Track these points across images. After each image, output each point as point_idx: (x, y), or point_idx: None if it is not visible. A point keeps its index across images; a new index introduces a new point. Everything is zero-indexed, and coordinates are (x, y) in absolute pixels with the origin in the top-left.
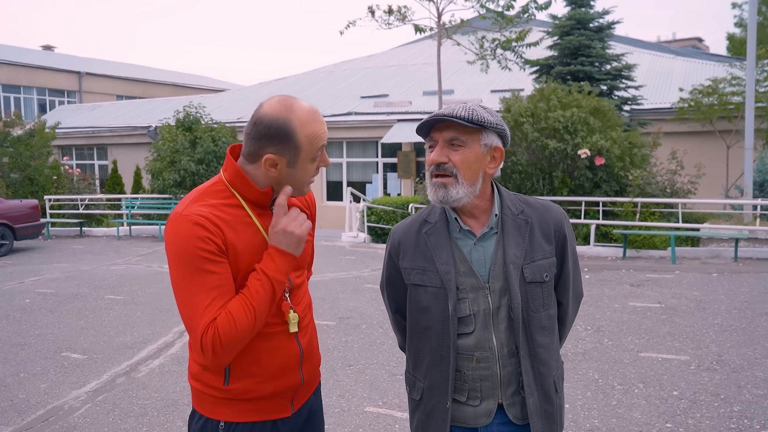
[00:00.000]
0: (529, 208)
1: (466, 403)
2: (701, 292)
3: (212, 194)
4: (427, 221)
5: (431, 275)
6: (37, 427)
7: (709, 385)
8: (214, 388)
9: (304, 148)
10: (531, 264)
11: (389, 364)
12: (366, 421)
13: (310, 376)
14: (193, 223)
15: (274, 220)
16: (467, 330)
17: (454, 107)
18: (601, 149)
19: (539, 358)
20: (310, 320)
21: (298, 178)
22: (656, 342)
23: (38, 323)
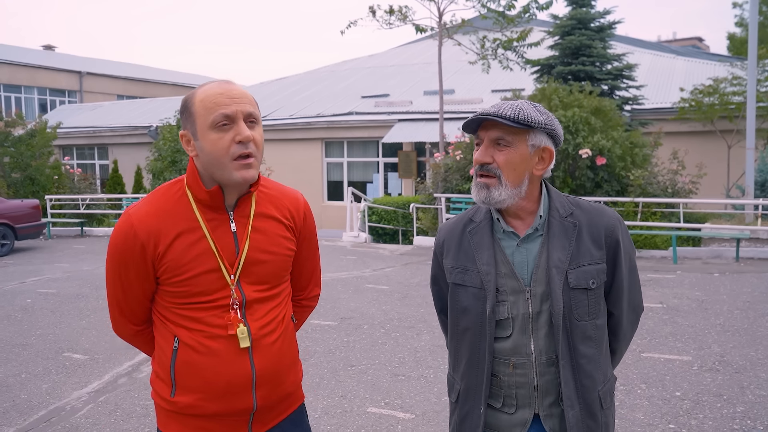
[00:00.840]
0: (580, 211)
1: (501, 410)
2: (703, 292)
3: (165, 194)
4: (472, 220)
5: (472, 275)
6: (39, 427)
7: (711, 385)
8: (163, 398)
9: (198, 113)
10: (577, 269)
11: (391, 365)
12: (368, 422)
13: (271, 401)
14: (131, 224)
15: None
16: (505, 334)
17: (502, 105)
18: (603, 149)
19: (582, 369)
20: (275, 341)
21: (206, 151)
22: (658, 342)
23: (40, 323)
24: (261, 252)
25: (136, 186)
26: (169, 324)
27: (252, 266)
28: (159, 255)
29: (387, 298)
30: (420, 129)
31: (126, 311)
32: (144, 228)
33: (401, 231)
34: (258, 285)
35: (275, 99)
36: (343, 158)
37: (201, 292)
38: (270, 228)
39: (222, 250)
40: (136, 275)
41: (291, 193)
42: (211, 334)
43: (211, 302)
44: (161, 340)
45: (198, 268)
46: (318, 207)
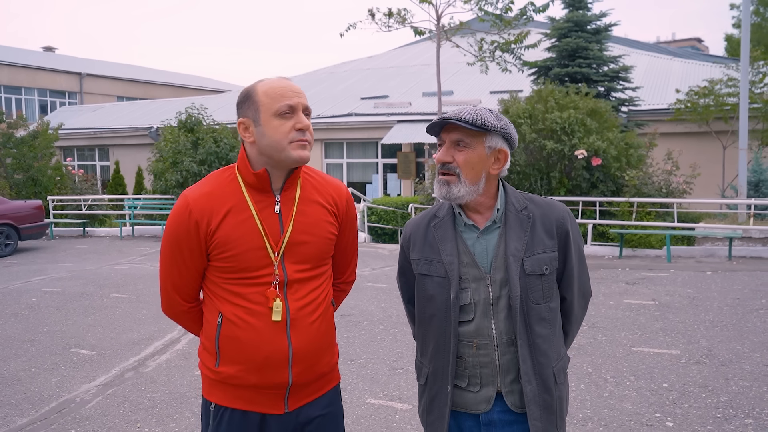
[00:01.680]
0: (533, 205)
1: (467, 389)
2: (694, 289)
3: (218, 177)
4: (436, 216)
5: (437, 266)
6: (51, 418)
7: (698, 377)
8: (208, 368)
9: (262, 102)
10: (531, 257)
11: (389, 359)
12: (367, 412)
13: (307, 379)
14: (186, 204)
15: None
16: (468, 318)
17: (462, 111)
18: (598, 150)
19: (538, 348)
20: (314, 321)
21: (269, 136)
22: (649, 337)
23: (46, 321)
24: (304, 233)
25: (137, 187)
26: (215, 299)
27: (295, 246)
28: (211, 231)
29: (386, 295)
30: (419, 130)
31: (180, 287)
32: (198, 206)
33: (400, 231)
34: (300, 264)
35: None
36: (343, 159)
37: (246, 267)
38: (314, 212)
39: (268, 229)
40: (189, 251)
41: (335, 181)
42: (251, 310)
43: (255, 278)
44: (209, 314)
45: (245, 245)
46: None
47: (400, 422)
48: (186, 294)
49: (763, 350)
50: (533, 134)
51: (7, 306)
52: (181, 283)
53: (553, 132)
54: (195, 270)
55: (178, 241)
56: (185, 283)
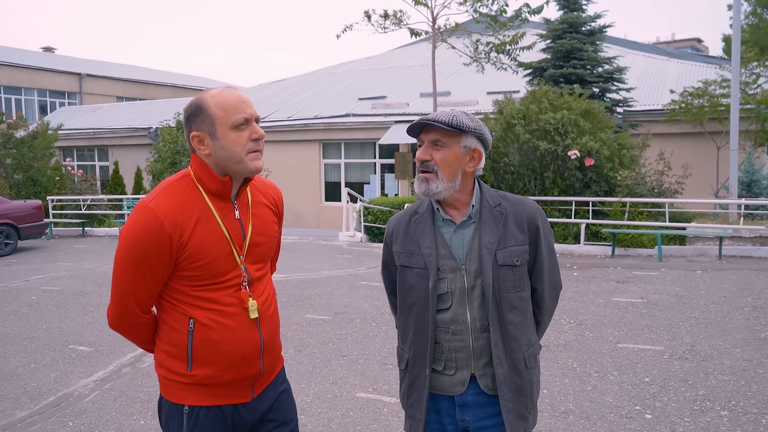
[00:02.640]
0: (506, 202)
1: (443, 373)
2: (683, 288)
3: (178, 187)
4: (416, 212)
5: (417, 258)
6: (50, 411)
7: (679, 372)
8: (178, 373)
9: (217, 115)
10: (503, 249)
11: (380, 355)
12: (356, 405)
13: (271, 365)
14: (156, 217)
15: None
16: (445, 306)
17: (439, 113)
18: (591, 150)
19: (509, 333)
20: (272, 313)
21: (227, 148)
22: (634, 334)
23: (45, 318)
24: (259, 235)
25: (136, 187)
26: (182, 306)
27: (254, 248)
28: (183, 243)
29: (380, 294)
30: None
31: (141, 300)
32: (170, 220)
33: None
34: (257, 264)
35: (273, 101)
36: (341, 159)
37: (216, 274)
38: (263, 214)
39: (232, 235)
40: (159, 264)
41: (272, 184)
42: (225, 312)
43: (224, 282)
44: (173, 322)
45: (214, 253)
46: (315, 208)
47: (388, 415)
48: (145, 306)
49: (744, 346)
50: (527, 135)
51: (7, 304)
52: (144, 296)
53: (546, 132)
54: (161, 282)
55: (147, 255)
56: (149, 295)
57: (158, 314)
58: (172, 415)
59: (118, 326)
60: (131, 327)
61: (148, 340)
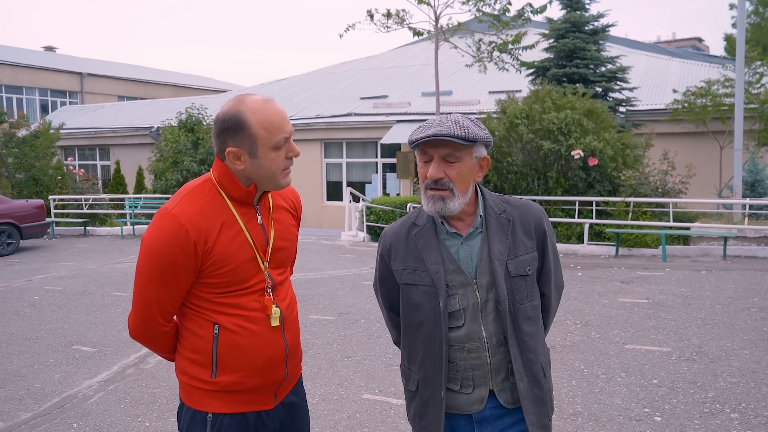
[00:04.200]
0: (510, 207)
1: (460, 392)
2: (688, 288)
3: (200, 193)
4: (415, 224)
5: (422, 275)
6: (54, 413)
7: (687, 374)
8: (202, 380)
9: (260, 135)
10: (515, 259)
11: (386, 356)
12: (363, 407)
13: (294, 371)
14: (180, 224)
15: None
16: (458, 323)
17: (447, 124)
18: (594, 150)
19: (527, 346)
20: (295, 317)
21: (265, 168)
22: (641, 335)
23: (48, 318)
24: (282, 240)
25: (137, 186)
26: (207, 312)
27: (276, 252)
28: (208, 250)
29: None
30: None
31: (165, 309)
32: (195, 226)
33: None
34: (279, 269)
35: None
36: (342, 159)
37: (241, 280)
38: (284, 218)
39: (256, 240)
40: (185, 272)
41: (290, 186)
42: (249, 317)
43: (248, 288)
44: (197, 328)
45: (239, 259)
46: (317, 207)
47: (395, 417)
48: (169, 314)
49: (752, 347)
50: (530, 134)
51: (10, 304)
52: (168, 305)
53: (550, 132)
54: (185, 290)
55: (172, 264)
56: (173, 303)
57: (180, 321)
58: (195, 422)
59: (140, 336)
60: (153, 336)
61: (170, 348)
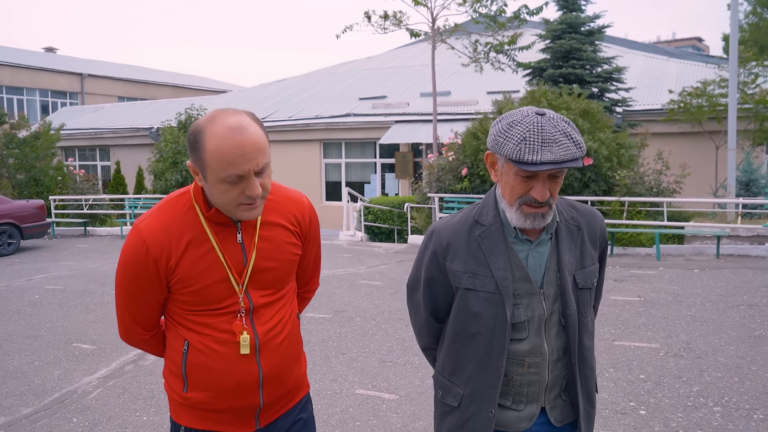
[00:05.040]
0: (577, 213)
1: (510, 408)
2: (680, 286)
3: (174, 207)
4: (478, 222)
5: (484, 280)
6: (54, 408)
7: (674, 369)
8: (176, 392)
9: (208, 163)
10: (582, 270)
11: (380, 353)
12: (356, 402)
13: (276, 398)
14: (142, 240)
15: None
16: (521, 336)
17: (566, 144)
18: (589, 150)
19: (586, 362)
20: (282, 341)
21: (216, 196)
22: (631, 332)
23: (48, 317)
24: (268, 260)
25: (137, 187)
26: (179, 327)
27: (259, 274)
28: (171, 268)
29: (379, 293)
30: (416, 130)
31: (140, 319)
32: (156, 243)
33: (396, 230)
34: (265, 290)
35: (275, 101)
36: (341, 159)
37: (211, 300)
38: (276, 236)
39: (230, 261)
40: (149, 287)
41: (296, 197)
42: (219, 339)
43: (220, 309)
44: (173, 340)
45: (207, 279)
46: (316, 207)
47: (387, 411)
48: (146, 324)
49: (738, 344)
50: None
51: (11, 303)
52: (140, 316)
53: None
54: (155, 302)
55: (135, 277)
56: (145, 315)
57: (165, 330)
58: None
59: (126, 341)
60: (137, 342)
61: (160, 352)
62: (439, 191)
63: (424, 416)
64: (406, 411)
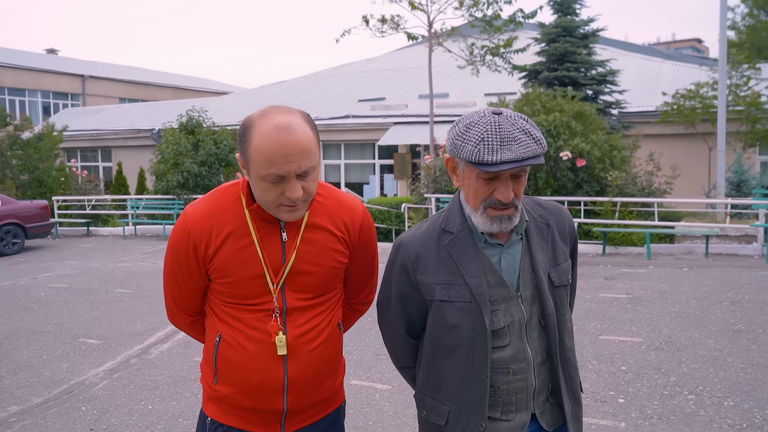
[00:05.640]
0: (545, 211)
1: (500, 419)
2: (667, 284)
3: (222, 196)
4: (446, 230)
5: (458, 289)
6: (63, 398)
7: (654, 361)
8: (207, 383)
9: (252, 158)
10: (556, 267)
11: (374, 347)
12: (351, 392)
13: (302, 406)
14: (186, 224)
15: None
16: (502, 343)
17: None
18: (582, 151)
19: (569, 362)
20: (315, 348)
21: (257, 192)
22: (616, 327)
23: (55, 314)
24: (308, 263)
25: (139, 187)
26: (215, 319)
27: (297, 276)
28: (209, 256)
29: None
30: (415, 132)
31: (181, 303)
32: (197, 228)
33: (394, 230)
34: (301, 293)
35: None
36: (341, 160)
37: (245, 295)
38: (320, 239)
39: (268, 258)
40: (188, 272)
41: (350, 202)
42: (249, 336)
43: (253, 305)
44: (210, 331)
45: (243, 273)
46: None
47: (380, 400)
48: (188, 309)
49: (717, 337)
50: None
51: (18, 300)
52: (182, 300)
53: None
54: (195, 288)
55: (177, 260)
56: (186, 299)
57: (205, 319)
58: (200, 422)
59: (172, 322)
60: (181, 325)
61: (203, 338)
62: (435, 192)
63: (414, 405)
64: (398, 400)
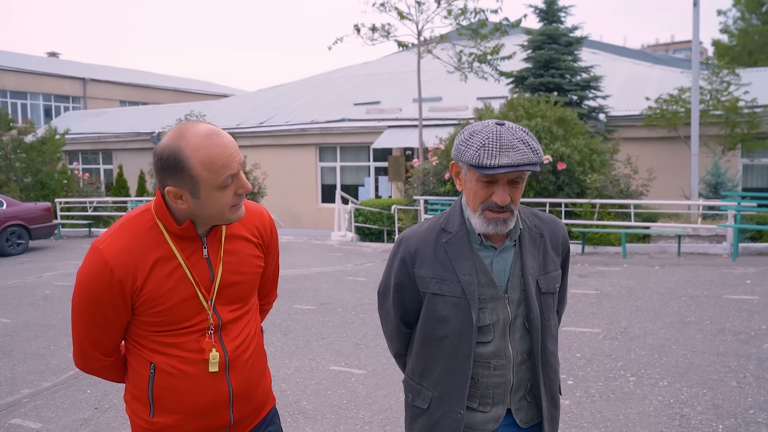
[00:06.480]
0: (540, 222)
1: (477, 410)
2: (636, 281)
3: (134, 226)
4: (445, 230)
5: (450, 285)
6: (70, 382)
7: (607, 349)
8: (141, 418)
9: (201, 177)
10: (545, 275)
11: (355, 337)
12: (329, 376)
13: (246, 413)
14: (105, 262)
15: None
16: (486, 339)
17: (522, 149)
18: (563, 155)
19: (550, 365)
20: (250, 356)
21: (209, 208)
22: (579, 320)
23: (60, 309)
24: (234, 273)
25: (139, 189)
26: (143, 350)
27: (226, 288)
28: (137, 289)
29: (362, 287)
30: (408, 135)
31: (101, 345)
32: (119, 264)
33: (386, 231)
34: (232, 305)
35: (272, 106)
36: (336, 163)
37: (178, 319)
38: (241, 249)
39: (198, 277)
40: (113, 311)
41: (256, 209)
42: (187, 359)
43: (188, 327)
44: (136, 364)
45: (176, 297)
46: (312, 209)
47: (355, 383)
48: (107, 350)
49: (668, 328)
50: None
51: (24, 297)
52: (102, 341)
53: None
54: (119, 326)
55: (98, 301)
56: (109, 339)
57: (126, 354)
58: None
59: (83, 369)
60: (96, 370)
61: (120, 378)
62: (424, 194)
63: (385, 386)
64: (372, 383)
